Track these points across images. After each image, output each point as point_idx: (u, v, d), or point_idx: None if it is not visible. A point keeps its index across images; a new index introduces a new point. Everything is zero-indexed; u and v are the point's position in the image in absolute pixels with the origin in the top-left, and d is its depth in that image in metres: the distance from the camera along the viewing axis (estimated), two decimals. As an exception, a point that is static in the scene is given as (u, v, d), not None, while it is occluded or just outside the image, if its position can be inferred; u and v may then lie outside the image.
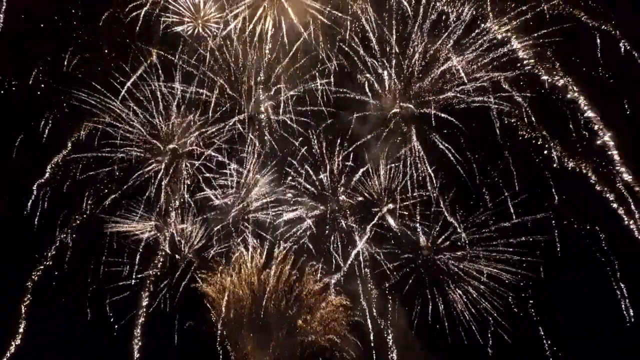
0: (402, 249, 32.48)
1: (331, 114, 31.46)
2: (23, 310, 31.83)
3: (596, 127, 29.06)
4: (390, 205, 31.94)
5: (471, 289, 31.58)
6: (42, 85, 30.52)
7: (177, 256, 32.85)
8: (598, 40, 28.63)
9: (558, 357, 30.53)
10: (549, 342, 30.46)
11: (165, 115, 31.73)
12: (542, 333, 30.53)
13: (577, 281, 30.40)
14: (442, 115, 30.76)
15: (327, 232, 33.13)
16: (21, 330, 31.71)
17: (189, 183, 32.62)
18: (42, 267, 31.97)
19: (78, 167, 31.35)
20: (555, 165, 29.92)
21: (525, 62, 29.52)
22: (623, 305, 29.24)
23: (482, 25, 30.24)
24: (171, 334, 31.66)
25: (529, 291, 30.90)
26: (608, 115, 29.71)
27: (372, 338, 31.48)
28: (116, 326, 31.98)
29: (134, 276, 31.97)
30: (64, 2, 29.92)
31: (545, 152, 30.09)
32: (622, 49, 28.99)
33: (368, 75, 31.16)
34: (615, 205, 29.07)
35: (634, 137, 29.32)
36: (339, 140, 32.13)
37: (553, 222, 30.63)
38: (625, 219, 28.90)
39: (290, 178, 33.05)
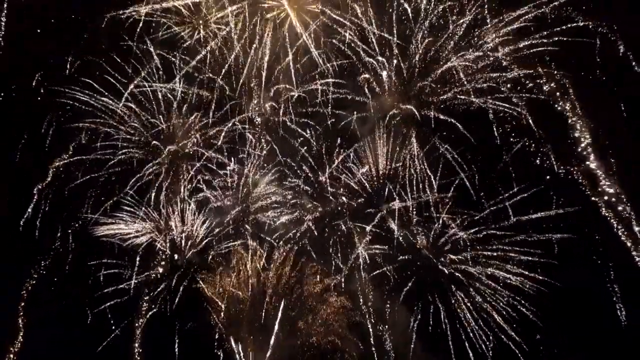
0: (402, 250, 32.40)
1: (331, 114, 31.65)
2: (21, 320, 31.77)
3: (577, 134, 29.40)
4: (391, 206, 31.95)
5: (472, 290, 31.56)
6: (42, 91, 30.58)
7: (176, 255, 32.76)
8: (598, 42, 28.95)
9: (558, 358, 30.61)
10: (549, 343, 30.53)
11: (166, 117, 31.78)
12: (539, 336, 30.51)
13: (576, 283, 30.39)
14: (442, 117, 30.94)
15: (326, 233, 33.11)
16: (20, 337, 31.63)
17: (189, 188, 32.68)
18: (41, 270, 31.93)
19: (79, 169, 31.38)
20: (548, 176, 30.22)
21: (509, 69, 29.94)
22: (617, 308, 29.50)
23: (481, 28, 30.60)
24: (172, 336, 31.56)
25: (530, 292, 30.89)
26: (606, 118, 30.03)
27: (372, 341, 31.42)
28: (117, 331, 31.79)
29: (134, 278, 31.85)
30: (65, 2, 30.02)
31: (538, 160, 30.34)
32: (620, 51, 29.32)
33: (367, 75, 31.35)
34: (603, 210, 29.44)
35: (634, 139, 29.60)
36: (338, 141, 32.24)
37: (551, 224, 30.70)
38: (614, 224, 29.28)
39: (290, 179, 33.15)
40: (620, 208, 29.10)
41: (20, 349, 31.39)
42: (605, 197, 29.31)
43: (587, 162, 29.47)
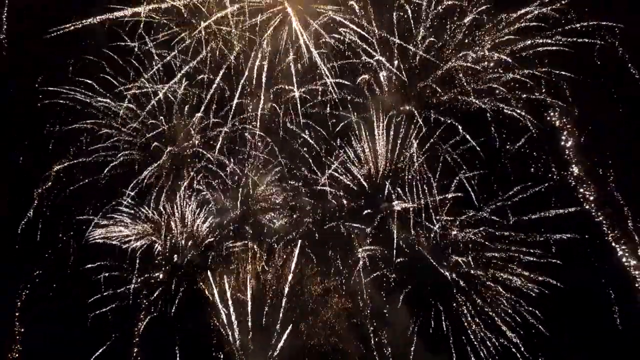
0: (402, 252, 32.31)
1: (332, 115, 31.66)
2: (20, 320, 31.64)
3: (563, 141, 29.57)
4: (391, 206, 31.92)
5: (472, 292, 31.50)
6: (41, 96, 30.58)
7: (175, 257, 32.66)
8: (598, 43, 29.14)
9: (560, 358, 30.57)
10: (551, 343, 30.47)
11: (167, 118, 31.80)
12: (541, 338, 30.45)
13: (578, 283, 30.40)
14: (441, 118, 31.05)
15: (326, 235, 33.03)
16: (19, 336, 31.49)
17: (189, 190, 32.61)
18: (41, 270, 31.81)
19: (80, 171, 31.31)
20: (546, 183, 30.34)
21: (508, 71, 30.09)
22: (614, 310, 29.60)
23: (481, 29, 30.77)
24: (172, 337, 31.41)
25: (531, 294, 30.86)
26: (606, 119, 30.18)
27: (373, 344, 31.31)
28: (117, 334, 31.61)
29: (134, 280, 31.71)
30: (65, 2, 30.05)
31: (533, 168, 30.45)
32: (620, 52, 29.52)
33: (367, 76, 31.44)
34: (594, 212, 29.62)
35: (634, 139, 29.74)
36: (338, 142, 32.25)
37: (552, 225, 30.74)
38: (605, 228, 29.43)
39: (289, 181, 33.13)
40: (604, 212, 29.35)
41: (20, 349, 31.26)
42: (586, 205, 29.59)
43: (573, 167, 29.70)
